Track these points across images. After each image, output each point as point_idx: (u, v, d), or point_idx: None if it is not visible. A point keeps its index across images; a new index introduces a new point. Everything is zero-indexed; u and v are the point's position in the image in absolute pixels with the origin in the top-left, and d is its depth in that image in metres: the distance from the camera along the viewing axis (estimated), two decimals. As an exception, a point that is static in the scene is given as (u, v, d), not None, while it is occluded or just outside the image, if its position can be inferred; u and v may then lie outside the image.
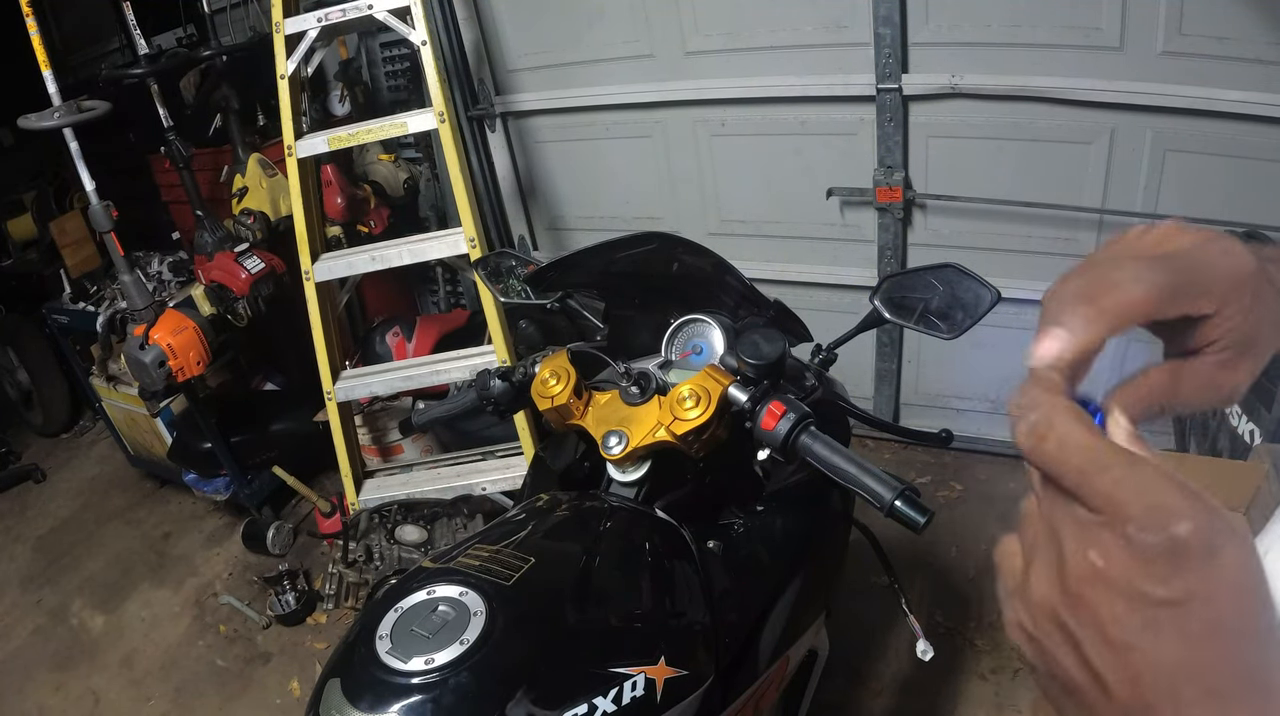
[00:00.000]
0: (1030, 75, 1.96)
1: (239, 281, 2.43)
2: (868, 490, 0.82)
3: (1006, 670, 1.90)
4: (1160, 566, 0.29)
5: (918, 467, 2.56)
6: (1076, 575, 0.32)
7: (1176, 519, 0.29)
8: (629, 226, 2.78)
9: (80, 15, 3.52)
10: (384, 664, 0.73)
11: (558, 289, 1.22)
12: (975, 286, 1.07)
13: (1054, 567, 0.33)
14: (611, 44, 2.50)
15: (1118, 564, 0.30)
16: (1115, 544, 0.30)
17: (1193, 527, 0.29)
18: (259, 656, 2.34)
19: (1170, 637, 0.30)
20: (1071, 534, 0.32)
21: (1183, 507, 0.30)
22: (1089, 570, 0.31)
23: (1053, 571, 0.33)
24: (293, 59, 2.19)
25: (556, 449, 1.20)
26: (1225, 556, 0.29)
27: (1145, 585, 0.30)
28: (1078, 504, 0.32)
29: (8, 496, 3.32)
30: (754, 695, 1.00)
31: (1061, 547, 0.32)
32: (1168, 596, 0.30)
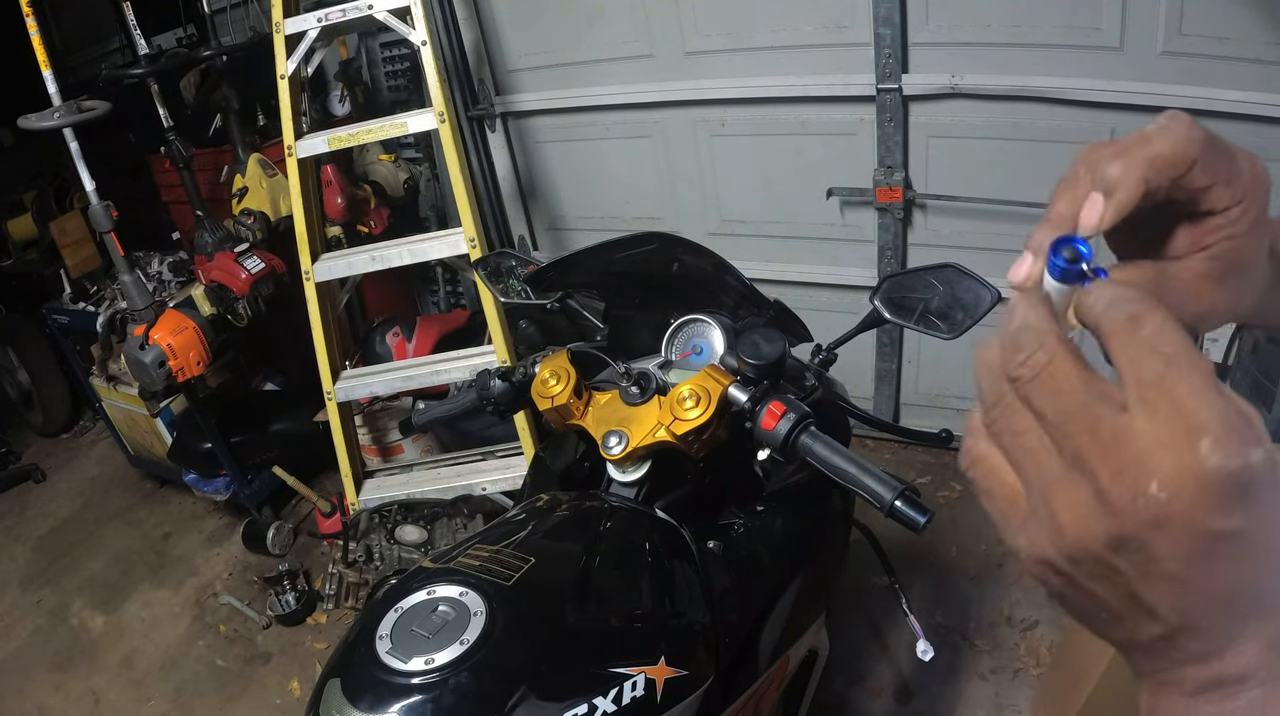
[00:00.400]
0: (1030, 75, 1.96)
1: (239, 281, 2.43)
2: (868, 490, 0.82)
3: (1006, 670, 1.90)
4: (1229, 495, 0.27)
5: (918, 467, 2.56)
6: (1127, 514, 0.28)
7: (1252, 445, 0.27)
8: (629, 226, 2.78)
9: (80, 15, 3.52)
10: (384, 664, 0.73)
11: (558, 289, 1.22)
12: (975, 286, 1.07)
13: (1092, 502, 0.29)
14: (611, 44, 2.50)
15: (1183, 496, 0.27)
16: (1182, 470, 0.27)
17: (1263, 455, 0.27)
18: (259, 656, 2.34)
19: (1227, 566, 0.28)
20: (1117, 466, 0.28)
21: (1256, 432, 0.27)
22: (1147, 507, 0.27)
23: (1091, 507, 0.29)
24: (293, 59, 2.19)
25: (556, 449, 1.20)
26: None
27: (1210, 519, 0.27)
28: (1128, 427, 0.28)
29: (8, 496, 3.32)
30: (754, 695, 1.00)
31: (1102, 482, 0.28)
32: (1231, 528, 0.27)
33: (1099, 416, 0.29)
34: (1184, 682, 0.32)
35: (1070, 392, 0.30)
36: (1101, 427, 0.29)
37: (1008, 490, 0.33)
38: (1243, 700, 0.31)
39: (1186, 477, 0.27)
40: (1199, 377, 0.28)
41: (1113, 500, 0.28)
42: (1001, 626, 2.00)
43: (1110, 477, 0.28)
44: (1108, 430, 0.28)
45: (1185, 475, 0.27)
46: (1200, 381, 0.27)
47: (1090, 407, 0.29)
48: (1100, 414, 0.29)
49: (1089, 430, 0.29)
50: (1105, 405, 0.29)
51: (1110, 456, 0.28)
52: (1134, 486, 0.28)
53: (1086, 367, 0.30)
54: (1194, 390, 0.27)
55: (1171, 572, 0.29)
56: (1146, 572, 0.29)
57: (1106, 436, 0.28)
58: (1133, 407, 0.28)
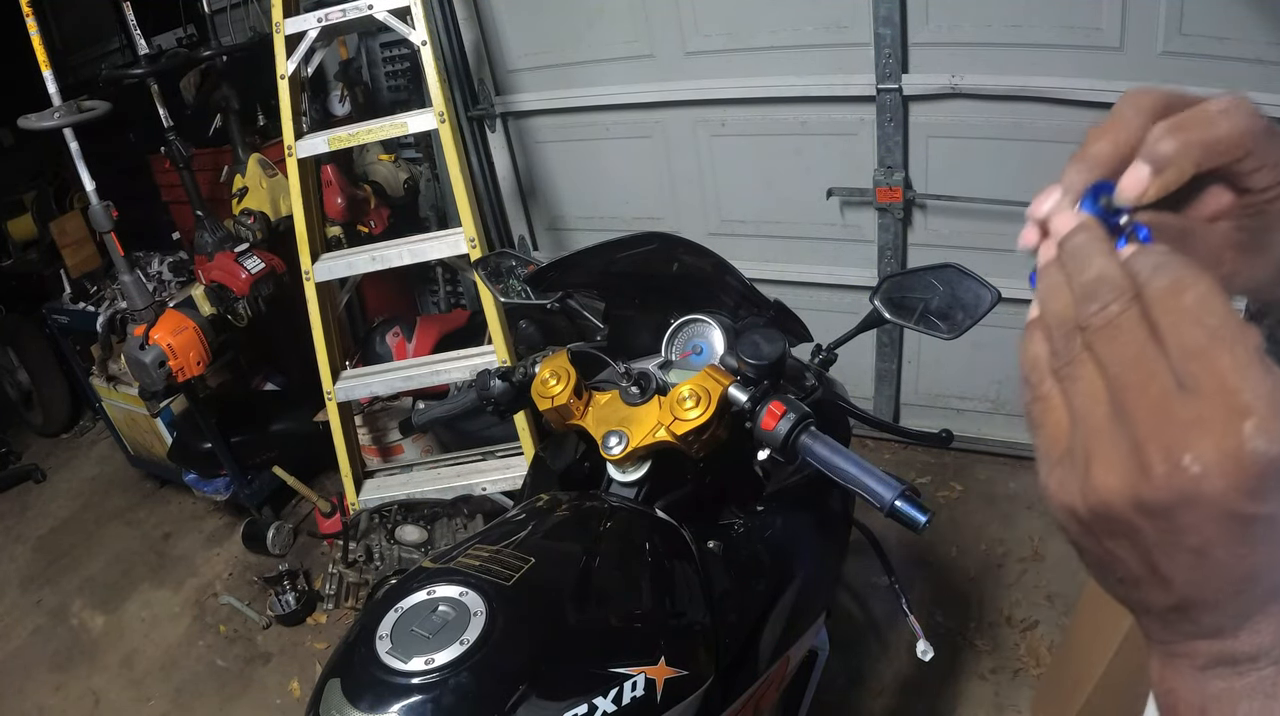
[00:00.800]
0: (1030, 75, 1.96)
1: (239, 281, 2.43)
2: (868, 490, 0.82)
3: (1006, 670, 1.90)
4: (1268, 480, 0.26)
5: (918, 467, 2.56)
6: (1160, 482, 0.27)
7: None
8: (629, 226, 2.78)
9: (80, 15, 3.52)
10: (384, 664, 0.73)
11: (558, 289, 1.22)
12: (975, 286, 1.07)
13: (1127, 463, 0.28)
14: (611, 44, 2.50)
15: (1217, 476, 0.26)
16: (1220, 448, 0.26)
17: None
18: (259, 656, 2.34)
19: (1253, 549, 0.28)
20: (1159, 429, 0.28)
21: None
22: (1180, 480, 0.27)
23: (1126, 467, 0.29)
24: (293, 59, 2.19)
25: (556, 449, 1.20)
26: None
27: (1243, 503, 0.27)
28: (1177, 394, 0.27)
29: (8, 496, 3.32)
30: (754, 695, 1.00)
31: (1141, 442, 0.28)
32: (1265, 513, 0.27)
33: (1153, 376, 0.28)
34: (1194, 656, 0.32)
35: (1132, 348, 0.29)
36: (1152, 388, 0.28)
37: (1055, 428, 0.32)
38: (1252, 677, 0.31)
39: (1225, 458, 0.26)
40: (1244, 352, 0.27)
41: (1147, 464, 0.28)
42: (1001, 626, 2.00)
43: (1149, 440, 0.28)
44: (1156, 392, 0.28)
45: (1224, 455, 0.26)
46: (1245, 356, 0.27)
47: (1147, 366, 0.28)
48: (1155, 373, 0.28)
49: (1140, 388, 0.28)
50: (1162, 367, 0.28)
51: (1153, 419, 0.28)
52: (1170, 455, 0.27)
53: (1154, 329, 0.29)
54: (1238, 366, 0.27)
55: (1194, 547, 0.28)
56: (1168, 542, 0.29)
57: (1154, 398, 0.28)
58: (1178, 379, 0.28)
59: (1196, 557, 0.29)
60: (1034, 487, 2.46)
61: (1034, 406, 0.33)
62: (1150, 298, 0.29)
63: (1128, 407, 0.29)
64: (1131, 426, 0.28)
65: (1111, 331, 0.30)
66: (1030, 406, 0.34)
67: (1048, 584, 2.08)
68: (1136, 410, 0.28)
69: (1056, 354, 0.32)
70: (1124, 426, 0.29)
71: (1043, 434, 0.33)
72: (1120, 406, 0.29)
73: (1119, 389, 0.29)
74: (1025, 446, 2.48)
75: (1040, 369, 0.33)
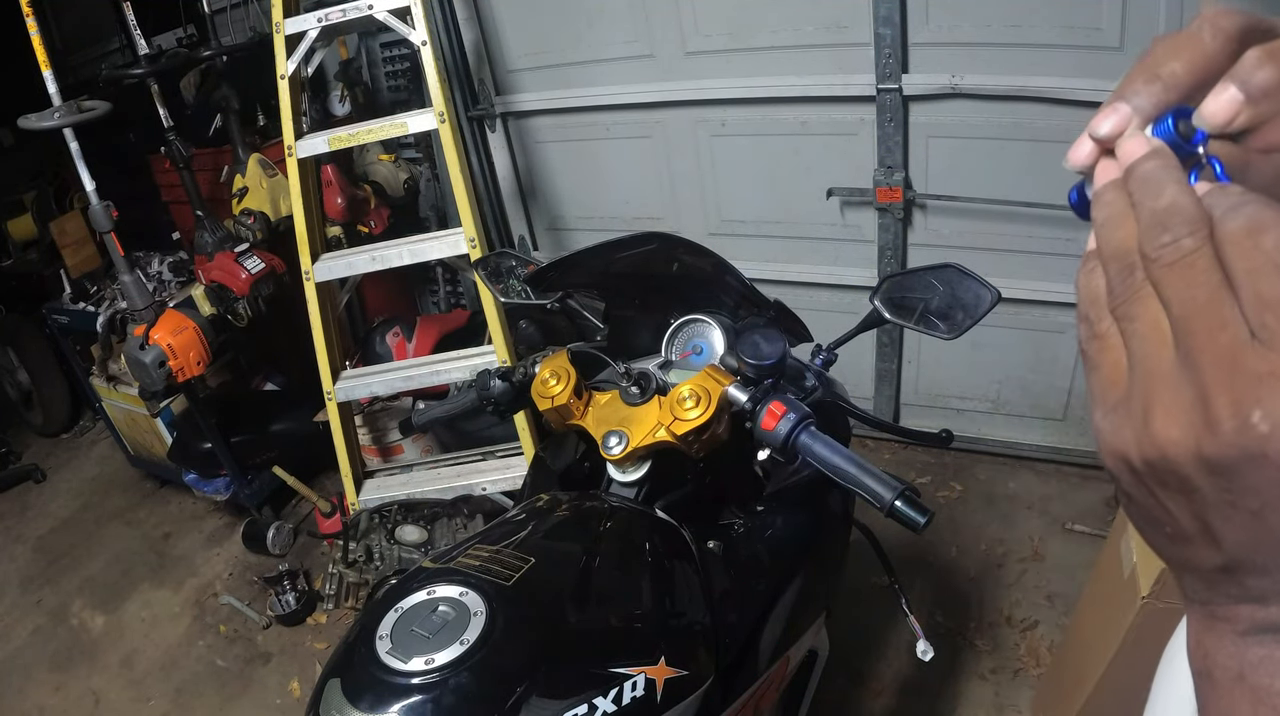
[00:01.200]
0: (1030, 75, 1.96)
1: (239, 281, 2.43)
2: (868, 490, 0.82)
3: (1007, 670, 1.90)
4: None
5: (918, 467, 2.56)
6: (1226, 439, 0.26)
7: None
8: (629, 226, 2.78)
9: (80, 15, 3.52)
10: (384, 664, 0.73)
11: (558, 289, 1.22)
12: (975, 286, 1.07)
13: (1191, 414, 0.27)
14: (611, 44, 2.50)
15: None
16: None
17: None
18: (259, 656, 2.34)
19: None
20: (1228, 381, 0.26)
21: None
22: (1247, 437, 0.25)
23: (1190, 419, 0.27)
24: (293, 59, 2.19)
25: (556, 449, 1.20)
26: None
27: None
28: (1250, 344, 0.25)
29: (8, 496, 3.32)
30: (754, 695, 1.00)
31: (1208, 393, 0.26)
32: None
33: (1226, 322, 0.26)
34: (1236, 620, 0.31)
35: (1204, 289, 0.27)
36: (1222, 336, 0.26)
37: (1113, 370, 0.30)
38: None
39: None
40: None
41: (1214, 418, 0.26)
42: (1001, 626, 2.00)
43: (1217, 392, 0.26)
44: (1227, 340, 0.26)
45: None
46: None
47: (1219, 310, 0.26)
48: (1228, 320, 0.26)
49: (1209, 334, 0.26)
50: (1235, 314, 0.26)
51: (1222, 369, 0.26)
52: (1239, 410, 0.25)
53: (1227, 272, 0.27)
54: None
55: (1252, 509, 0.27)
56: (1225, 502, 0.27)
57: (1224, 346, 0.26)
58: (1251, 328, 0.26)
59: (1253, 520, 0.27)
60: (1034, 487, 2.45)
61: (1090, 345, 0.31)
62: (1224, 237, 0.27)
63: (1194, 354, 0.27)
64: (1198, 375, 0.26)
65: (1183, 269, 0.27)
66: (1086, 345, 0.32)
67: (1048, 584, 2.08)
68: (1204, 358, 0.26)
69: (1114, 290, 0.30)
70: (1190, 374, 0.27)
71: (1099, 376, 0.31)
72: (1186, 352, 0.27)
73: (1186, 333, 0.27)
74: (1025, 446, 2.49)
75: (1099, 304, 0.31)
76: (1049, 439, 2.46)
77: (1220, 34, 0.32)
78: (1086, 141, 0.34)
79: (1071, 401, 2.37)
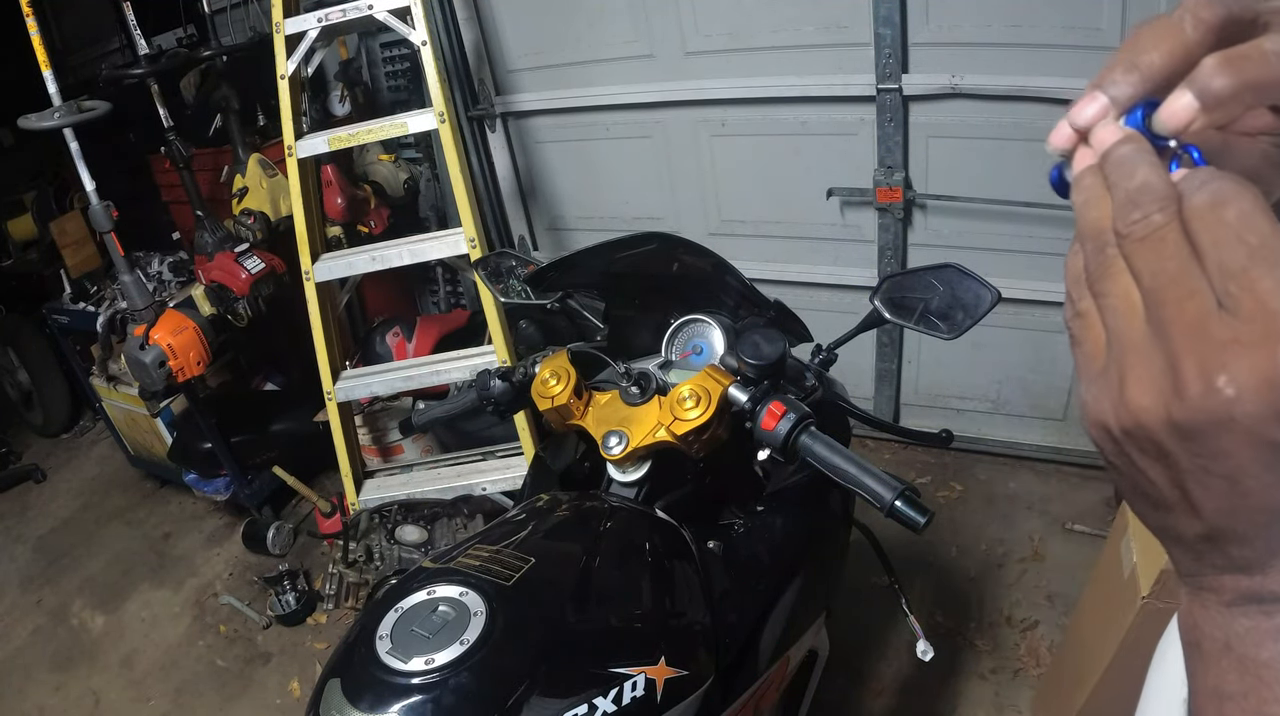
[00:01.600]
0: (1030, 75, 1.96)
1: (239, 281, 2.43)
2: (868, 490, 0.82)
3: (1006, 670, 1.90)
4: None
5: (918, 467, 2.56)
6: (1194, 403, 0.27)
7: None
8: (629, 226, 2.78)
9: (80, 15, 3.52)
10: (384, 664, 0.73)
11: (558, 289, 1.22)
12: (975, 286, 1.07)
13: (1161, 381, 0.28)
14: (611, 44, 2.50)
15: (1252, 401, 0.26)
16: (1255, 371, 0.25)
17: None
18: (259, 656, 2.34)
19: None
20: (1195, 347, 0.27)
21: None
22: (1214, 401, 0.26)
23: (1160, 386, 0.28)
24: (293, 59, 2.19)
25: (556, 449, 1.20)
26: None
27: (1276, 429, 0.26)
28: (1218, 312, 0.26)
29: (8, 496, 3.32)
30: (754, 695, 1.00)
31: (1177, 360, 0.27)
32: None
33: (1194, 292, 0.27)
34: (1222, 591, 0.31)
35: (1172, 261, 0.28)
36: (1189, 305, 0.27)
37: (1093, 345, 0.31)
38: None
39: (1261, 382, 0.25)
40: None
41: (1182, 383, 0.27)
42: (1001, 626, 2.00)
43: (1184, 359, 0.27)
44: (1194, 309, 0.27)
45: (1260, 378, 0.25)
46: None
47: (1188, 281, 0.27)
48: (1195, 290, 0.27)
49: (1177, 303, 0.27)
50: (1203, 284, 0.27)
51: (1189, 337, 0.27)
52: (1205, 375, 0.26)
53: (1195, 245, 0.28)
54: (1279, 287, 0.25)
55: (1225, 474, 0.28)
56: (1199, 467, 0.28)
57: (1191, 315, 0.27)
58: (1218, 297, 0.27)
59: (1228, 485, 0.28)
60: (1034, 487, 2.45)
61: (1074, 323, 0.33)
62: (1191, 212, 0.28)
63: (1164, 323, 0.28)
64: (1167, 343, 0.28)
65: (1153, 243, 0.29)
66: (1070, 323, 0.33)
67: (1048, 584, 2.08)
68: (1173, 327, 0.27)
69: (1090, 268, 0.31)
70: (1160, 343, 0.28)
71: (1081, 351, 0.32)
72: (1157, 322, 0.28)
73: (1155, 304, 0.28)
74: (1025, 446, 2.49)
75: (1080, 283, 0.32)
76: (1049, 439, 2.46)
77: (1201, 25, 0.32)
78: (1066, 126, 0.35)
79: (1071, 401, 2.37)
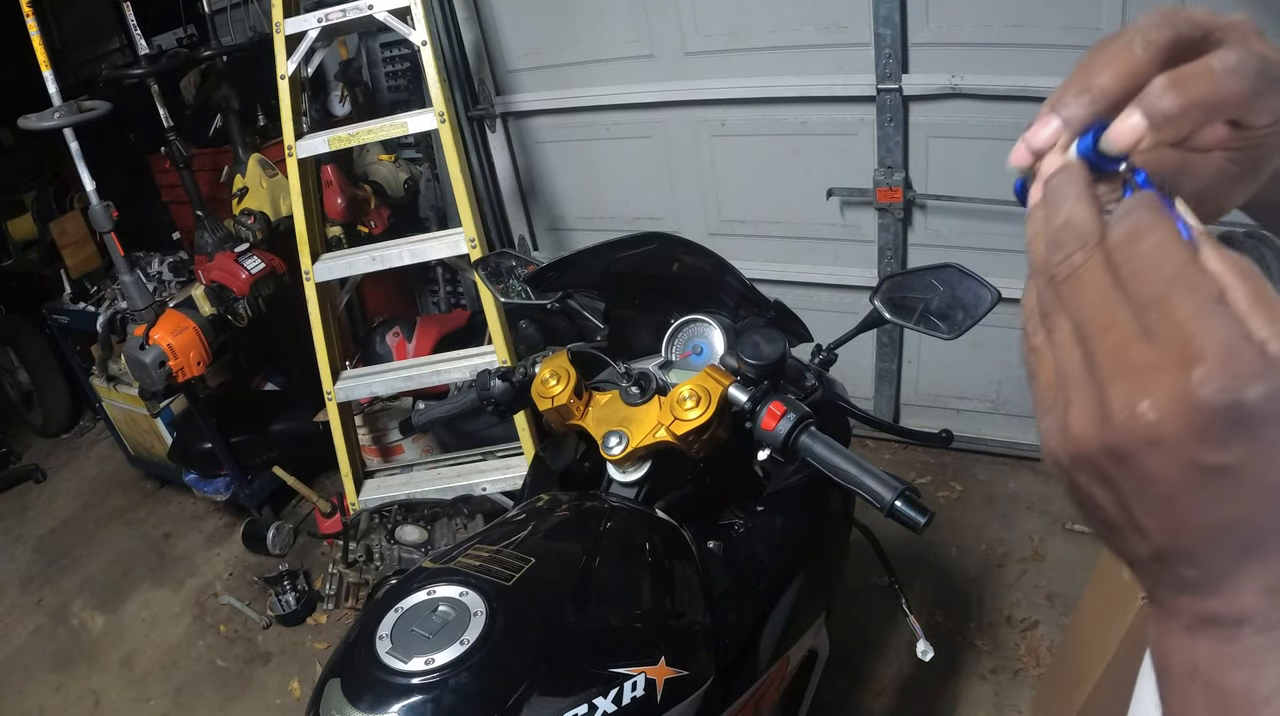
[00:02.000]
0: (1030, 75, 1.96)
1: (239, 281, 2.43)
2: (868, 490, 0.82)
3: (1006, 670, 1.90)
4: (1220, 430, 0.26)
5: (918, 468, 2.56)
6: (1122, 428, 0.28)
7: (1249, 380, 0.26)
8: (629, 226, 2.78)
9: (80, 15, 3.52)
10: (384, 664, 0.73)
11: (558, 289, 1.22)
12: (975, 286, 1.07)
13: (1094, 411, 0.29)
14: (611, 44, 2.50)
15: (1173, 423, 0.27)
16: (1173, 395, 0.26)
17: (1265, 392, 0.26)
18: (259, 656, 2.34)
19: (1218, 498, 0.28)
20: (1119, 373, 0.28)
21: (1257, 368, 0.26)
22: (1137, 425, 0.27)
23: (1094, 415, 0.29)
24: (293, 59, 2.19)
25: (557, 449, 1.20)
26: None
27: (1200, 452, 0.27)
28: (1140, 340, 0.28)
29: (8, 496, 3.32)
30: (754, 695, 1.00)
31: (1104, 389, 0.28)
32: (1223, 463, 0.27)
33: (1115, 322, 0.28)
34: (1181, 614, 0.32)
35: (1094, 295, 0.29)
36: (1112, 335, 0.28)
37: (1045, 378, 0.32)
38: (1241, 645, 0.30)
39: (1177, 405, 0.26)
40: (1199, 299, 0.27)
41: (1109, 411, 0.28)
42: (1001, 626, 2.00)
43: (1110, 386, 0.28)
44: (1117, 338, 0.28)
45: (1176, 402, 0.26)
46: (1200, 304, 0.27)
47: (1109, 312, 0.29)
48: (1117, 320, 0.28)
49: (1102, 333, 0.29)
50: (1125, 313, 0.28)
51: (1114, 365, 0.28)
52: (1128, 401, 0.28)
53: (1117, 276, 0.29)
54: (1193, 313, 0.26)
55: (1161, 494, 0.29)
56: (1139, 489, 0.29)
57: (1114, 344, 0.28)
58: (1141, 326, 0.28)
59: (1165, 506, 0.29)
60: (1034, 487, 2.45)
61: (1029, 357, 0.34)
62: (1111, 245, 0.29)
63: (1092, 355, 0.29)
64: (1096, 373, 0.29)
65: (1074, 281, 0.30)
66: (1026, 357, 0.34)
67: (1048, 584, 2.08)
68: (1099, 357, 0.29)
69: (1041, 304, 0.32)
70: (1091, 373, 0.29)
71: (1036, 384, 0.33)
72: (1087, 354, 0.29)
73: (1084, 338, 0.30)
74: (1025, 446, 2.48)
75: (1034, 318, 0.33)
76: (1049, 439, 2.46)
77: (1150, 47, 0.33)
78: (1024, 146, 0.37)
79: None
